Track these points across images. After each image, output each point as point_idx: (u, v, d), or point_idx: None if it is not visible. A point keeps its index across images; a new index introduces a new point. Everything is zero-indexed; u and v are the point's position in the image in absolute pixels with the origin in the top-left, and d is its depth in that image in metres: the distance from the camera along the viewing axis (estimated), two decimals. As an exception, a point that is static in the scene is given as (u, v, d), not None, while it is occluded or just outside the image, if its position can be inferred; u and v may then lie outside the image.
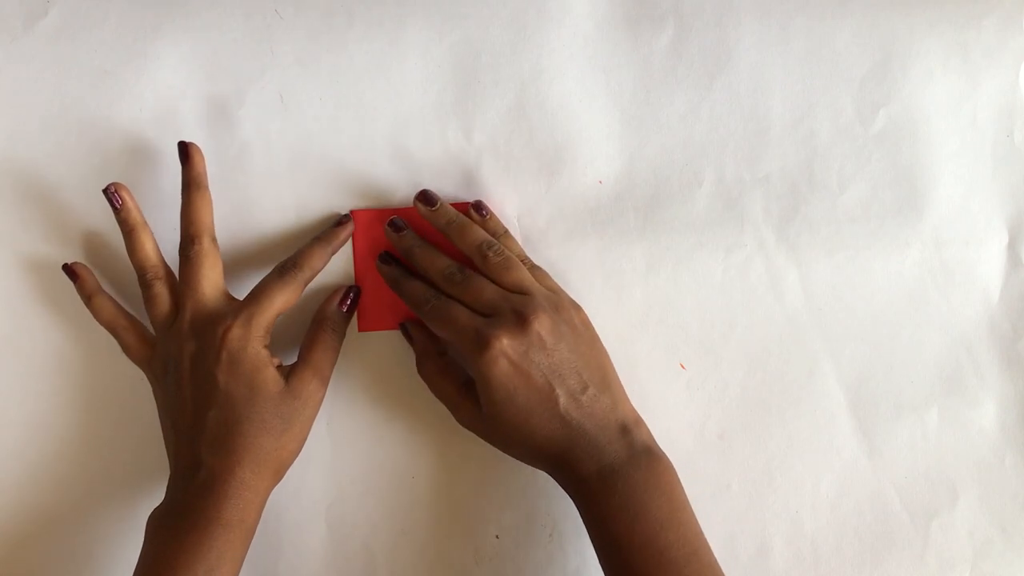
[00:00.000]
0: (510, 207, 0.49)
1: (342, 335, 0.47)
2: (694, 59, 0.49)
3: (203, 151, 0.47)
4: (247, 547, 0.43)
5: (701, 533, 0.42)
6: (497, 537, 0.49)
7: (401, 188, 0.49)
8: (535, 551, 0.49)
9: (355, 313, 0.48)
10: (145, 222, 0.46)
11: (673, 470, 0.43)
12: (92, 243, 0.48)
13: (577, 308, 0.45)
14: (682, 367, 0.49)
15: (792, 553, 0.49)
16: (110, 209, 0.46)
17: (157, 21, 0.48)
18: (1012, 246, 0.50)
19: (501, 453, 0.48)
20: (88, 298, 0.46)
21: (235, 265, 0.49)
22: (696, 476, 0.49)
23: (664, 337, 0.48)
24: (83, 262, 0.48)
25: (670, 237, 0.49)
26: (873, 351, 0.49)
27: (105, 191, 0.45)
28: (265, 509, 0.44)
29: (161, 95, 0.48)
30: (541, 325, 0.42)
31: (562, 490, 0.44)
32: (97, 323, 0.47)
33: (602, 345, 0.45)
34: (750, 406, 0.49)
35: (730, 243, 0.49)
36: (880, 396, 0.49)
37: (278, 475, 0.44)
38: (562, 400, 0.42)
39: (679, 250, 0.49)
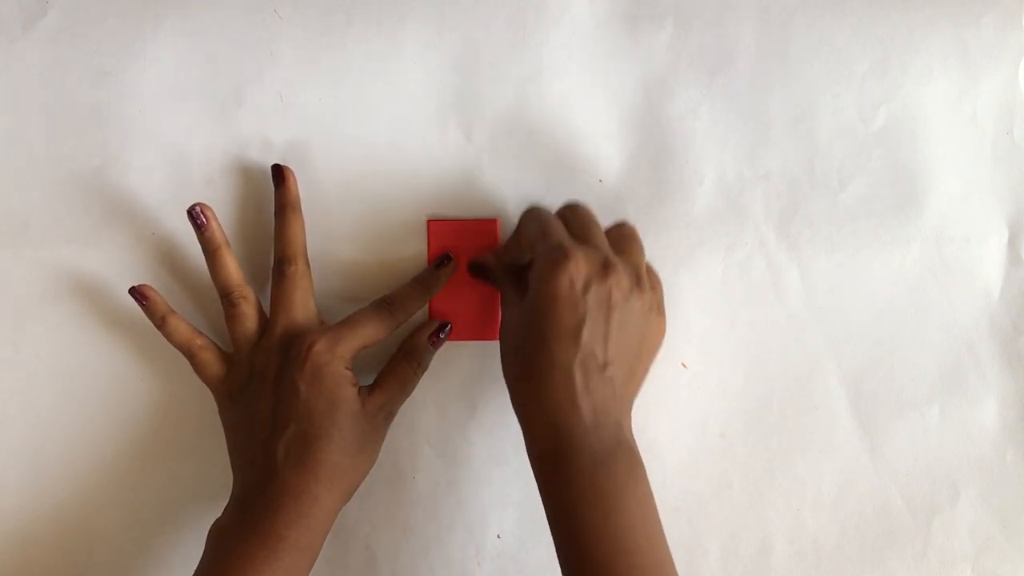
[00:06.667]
0: (510, 207, 0.49)
1: (423, 370, 0.47)
2: (694, 57, 0.49)
3: (202, 151, 0.47)
4: (308, 573, 0.42)
5: (668, 547, 0.40)
6: (499, 537, 0.49)
7: (401, 188, 0.49)
8: (537, 550, 0.48)
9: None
10: (228, 242, 0.46)
11: (648, 479, 0.41)
12: (91, 243, 0.48)
13: (660, 314, 0.44)
14: (683, 366, 0.49)
15: (794, 551, 0.49)
16: (109, 210, 0.46)
17: (156, 21, 0.48)
18: (1012, 243, 0.50)
19: (501, 453, 0.48)
20: (161, 320, 0.45)
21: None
22: (698, 475, 0.49)
23: (665, 336, 0.48)
24: (81, 262, 0.48)
25: (671, 235, 0.49)
26: (874, 348, 0.49)
27: (190, 211, 0.45)
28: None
29: (160, 96, 0.48)
30: (618, 285, 0.40)
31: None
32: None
33: (652, 357, 0.44)
34: (751, 404, 0.49)
35: (731, 241, 0.49)
36: (881, 394, 0.49)
37: (347, 496, 0.44)
38: (581, 354, 0.39)
39: (680, 248, 0.49)
